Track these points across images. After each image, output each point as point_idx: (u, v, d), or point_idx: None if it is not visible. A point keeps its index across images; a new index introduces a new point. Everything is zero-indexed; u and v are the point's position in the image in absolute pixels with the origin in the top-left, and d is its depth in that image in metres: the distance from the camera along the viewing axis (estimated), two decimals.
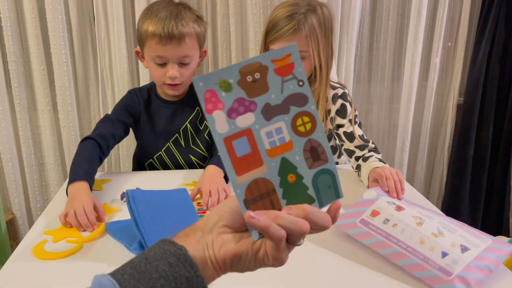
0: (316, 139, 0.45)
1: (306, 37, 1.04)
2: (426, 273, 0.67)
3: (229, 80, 0.43)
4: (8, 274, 0.72)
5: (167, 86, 1.14)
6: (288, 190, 0.45)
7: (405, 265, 0.70)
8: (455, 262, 0.67)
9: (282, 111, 0.44)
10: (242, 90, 0.43)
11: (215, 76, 0.42)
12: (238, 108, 0.43)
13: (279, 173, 0.45)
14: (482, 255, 0.69)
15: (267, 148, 0.44)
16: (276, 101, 0.44)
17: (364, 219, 0.79)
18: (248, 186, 0.44)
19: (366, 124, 1.81)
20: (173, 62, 1.10)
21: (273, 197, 0.45)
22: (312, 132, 0.45)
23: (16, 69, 1.50)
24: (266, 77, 0.44)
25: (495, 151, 1.77)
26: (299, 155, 0.45)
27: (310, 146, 0.45)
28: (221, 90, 0.43)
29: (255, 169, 0.44)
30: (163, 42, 1.06)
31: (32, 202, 1.65)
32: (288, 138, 0.45)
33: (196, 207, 0.91)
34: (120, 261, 0.76)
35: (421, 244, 0.71)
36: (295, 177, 0.45)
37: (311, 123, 0.45)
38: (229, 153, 0.43)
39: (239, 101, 0.43)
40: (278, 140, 0.45)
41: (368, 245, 0.75)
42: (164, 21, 1.06)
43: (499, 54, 1.67)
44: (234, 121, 0.43)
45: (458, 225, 0.77)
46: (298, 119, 0.45)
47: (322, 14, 1.07)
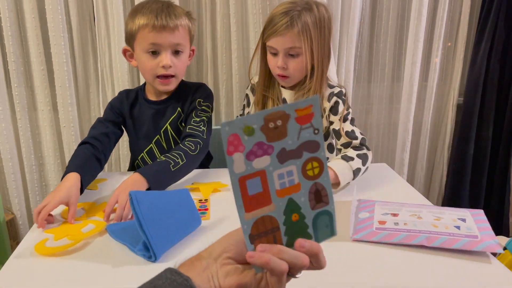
0: (321, 182, 0.49)
1: (298, 33, 1.06)
2: (461, 243, 0.75)
3: (253, 126, 0.46)
4: (8, 274, 0.72)
5: (159, 81, 1.13)
6: (291, 228, 0.49)
7: (441, 243, 0.76)
8: (470, 229, 0.79)
9: (295, 155, 0.48)
10: (263, 134, 0.46)
11: (242, 122, 0.45)
12: (257, 151, 0.46)
13: (284, 212, 0.48)
14: (476, 219, 0.83)
15: (277, 188, 0.48)
16: (292, 146, 0.48)
17: (378, 227, 0.82)
18: (255, 223, 0.47)
19: (366, 124, 1.81)
20: (166, 50, 1.10)
21: (277, 233, 0.49)
22: (319, 176, 0.49)
23: (16, 69, 1.50)
24: (286, 125, 0.47)
25: (495, 151, 1.77)
26: (304, 196, 0.49)
27: (315, 189, 0.49)
28: (244, 134, 0.45)
29: (263, 207, 0.48)
30: (157, 29, 1.07)
31: (32, 202, 1.65)
32: (297, 180, 0.48)
33: (198, 205, 0.91)
34: (121, 261, 0.76)
35: (436, 228, 0.79)
36: (299, 216, 0.49)
37: (319, 168, 0.49)
38: (242, 191, 0.46)
39: (258, 145, 0.46)
40: (288, 182, 0.48)
41: (399, 242, 0.78)
42: (156, 11, 1.08)
43: (499, 54, 1.67)
44: (251, 163, 0.46)
45: (438, 208, 0.89)
46: (309, 164, 0.49)
47: (317, 13, 1.08)
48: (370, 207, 0.90)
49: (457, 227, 0.79)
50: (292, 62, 1.11)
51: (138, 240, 0.77)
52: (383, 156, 1.84)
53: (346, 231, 0.83)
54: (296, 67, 1.11)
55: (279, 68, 1.12)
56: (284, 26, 1.06)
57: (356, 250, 0.78)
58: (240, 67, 1.56)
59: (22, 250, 0.79)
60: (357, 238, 0.80)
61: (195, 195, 1.01)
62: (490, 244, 0.74)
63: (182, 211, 0.84)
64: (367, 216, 0.87)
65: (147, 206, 0.75)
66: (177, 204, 0.84)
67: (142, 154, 1.24)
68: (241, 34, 1.54)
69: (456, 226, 0.80)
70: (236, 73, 1.56)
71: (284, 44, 1.09)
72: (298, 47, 1.08)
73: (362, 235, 0.80)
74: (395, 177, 1.17)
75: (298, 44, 1.08)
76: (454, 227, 0.79)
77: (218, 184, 1.09)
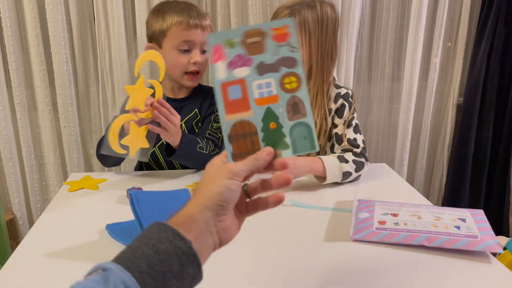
0: (299, 96, 0.53)
1: (296, 26, 1.06)
2: (461, 243, 0.75)
3: (234, 39, 0.53)
4: (8, 274, 0.72)
5: (187, 76, 1.20)
6: (268, 135, 0.53)
7: (441, 243, 0.76)
8: (470, 229, 0.78)
9: (273, 69, 0.53)
10: (243, 48, 0.53)
11: (224, 35, 0.53)
12: (237, 62, 0.53)
13: (262, 119, 0.53)
14: (476, 219, 0.82)
15: (255, 97, 0.53)
16: (270, 60, 0.53)
17: (378, 227, 0.82)
18: (234, 125, 0.53)
19: (366, 124, 1.81)
20: (197, 47, 1.18)
21: (254, 138, 0.53)
22: (296, 90, 0.53)
23: (16, 69, 1.50)
24: (264, 41, 0.53)
25: (495, 151, 1.77)
26: (282, 107, 0.53)
27: (293, 101, 0.53)
28: (226, 46, 0.53)
29: (242, 112, 0.53)
30: (191, 27, 1.15)
31: (32, 202, 1.65)
32: (275, 92, 0.53)
33: None
34: None
35: (436, 228, 0.79)
36: (276, 125, 0.53)
37: (297, 82, 0.53)
38: (223, 96, 0.53)
39: (239, 57, 0.53)
40: (266, 93, 0.53)
41: (399, 242, 0.78)
42: (188, 11, 1.16)
43: (499, 54, 1.67)
44: (232, 72, 0.53)
45: (438, 208, 0.89)
46: (286, 78, 0.53)
47: (320, 11, 1.09)
48: (370, 207, 0.90)
49: (457, 227, 0.79)
50: None
51: None
52: (383, 156, 1.84)
53: (346, 231, 0.83)
54: None
55: None
56: (283, 18, 1.07)
57: (356, 250, 0.78)
58: None
59: (22, 250, 0.79)
60: (357, 238, 0.80)
61: None
62: (490, 244, 0.74)
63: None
64: (367, 216, 0.87)
65: (148, 205, 0.75)
66: (177, 204, 0.83)
67: (154, 149, 1.24)
68: None
69: (456, 226, 0.80)
70: None
71: None
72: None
73: (362, 235, 0.80)
74: (395, 177, 1.17)
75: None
76: (454, 227, 0.79)
77: None
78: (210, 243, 0.47)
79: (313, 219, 0.89)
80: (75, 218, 0.92)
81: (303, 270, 0.71)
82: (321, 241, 0.80)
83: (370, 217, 0.86)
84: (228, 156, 0.53)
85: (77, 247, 0.80)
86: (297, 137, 0.53)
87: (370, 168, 1.11)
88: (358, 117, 1.79)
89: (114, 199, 1.01)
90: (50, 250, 0.78)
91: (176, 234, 0.44)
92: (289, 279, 0.69)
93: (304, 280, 0.68)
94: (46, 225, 0.89)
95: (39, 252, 0.78)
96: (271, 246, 0.79)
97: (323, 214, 0.92)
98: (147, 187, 1.07)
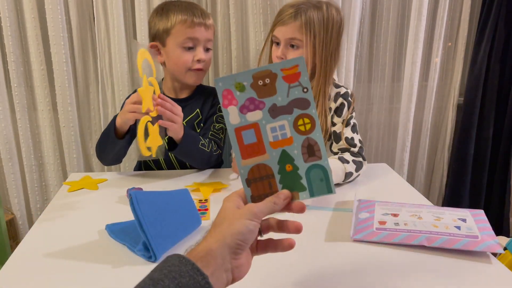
0: (313, 138, 0.53)
1: (301, 26, 1.08)
2: (461, 243, 0.75)
3: (243, 83, 0.52)
4: (8, 274, 0.72)
5: (193, 72, 1.20)
6: (285, 177, 0.54)
7: (441, 243, 0.76)
8: (470, 229, 0.79)
9: (286, 111, 0.53)
10: (254, 91, 0.53)
11: (232, 78, 0.53)
12: (249, 106, 0.53)
13: (278, 161, 0.54)
14: (476, 220, 0.83)
15: (270, 140, 0.53)
16: (282, 103, 0.53)
17: (379, 227, 0.82)
18: (251, 169, 0.53)
19: (366, 124, 1.80)
20: (200, 45, 1.19)
21: (272, 180, 0.54)
22: (310, 132, 0.53)
23: (16, 69, 1.50)
24: (275, 83, 0.52)
25: (495, 151, 1.77)
26: (297, 149, 0.53)
27: (307, 143, 0.53)
28: (236, 90, 0.53)
29: (258, 156, 0.53)
30: (196, 25, 1.16)
31: (32, 202, 1.65)
32: (290, 134, 0.53)
33: (198, 205, 0.91)
34: (122, 261, 0.76)
35: (436, 228, 0.79)
36: (292, 167, 0.54)
37: (311, 124, 0.53)
38: (238, 141, 0.53)
39: (250, 100, 0.53)
40: (281, 135, 0.53)
41: (399, 242, 0.78)
42: (192, 9, 1.17)
43: (499, 54, 1.67)
44: (245, 116, 0.53)
45: (438, 208, 0.89)
46: (300, 120, 0.53)
47: (326, 12, 1.09)
48: (370, 207, 0.90)
49: (457, 227, 0.79)
50: (291, 53, 1.12)
51: (137, 240, 0.76)
52: (383, 156, 1.84)
53: (346, 231, 0.83)
54: None
55: (278, 58, 1.13)
56: (288, 16, 1.09)
57: (357, 250, 0.78)
58: (240, 67, 1.56)
59: (22, 250, 0.79)
60: (357, 239, 0.80)
61: (195, 195, 1.01)
62: (491, 244, 0.74)
63: (182, 211, 0.84)
64: (367, 216, 0.86)
65: (147, 206, 0.75)
66: (177, 204, 0.84)
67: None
68: (241, 34, 1.54)
69: (457, 226, 0.79)
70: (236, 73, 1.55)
71: (286, 33, 1.10)
72: (299, 39, 1.09)
73: (362, 235, 0.80)
74: (395, 177, 1.17)
75: (299, 36, 1.09)
76: (454, 227, 0.79)
77: (218, 184, 1.09)
78: (224, 279, 0.49)
79: (313, 219, 0.89)
80: (75, 218, 0.92)
81: (303, 270, 0.71)
82: (321, 241, 0.80)
83: (370, 217, 0.86)
84: (248, 198, 0.54)
85: (77, 247, 0.80)
86: (313, 179, 0.54)
87: (370, 168, 1.11)
88: (358, 117, 1.79)
89: (114, 199, 1.01)
90: (49, 250, 0.78)
91: (196, 269, 0.45)
92: (289, 279, 0.68)
93: (304, 280, 0.68)
94: (46, 225, 0.89)
95: (39, 252, 0.78)
96: None
97: (323, 214, 0.92)
98: (147, 187, 1.07)
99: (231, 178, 1.13)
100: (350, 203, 0.95)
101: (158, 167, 1.28)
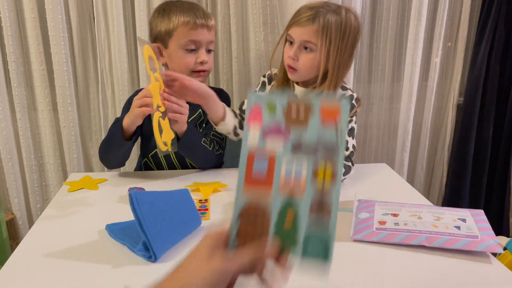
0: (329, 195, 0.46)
1: (318, 30, 1.06)
2: (461, 243, 0.75)
3: (276, 104, 0.47)
4: (8, 274, 0.72)
5: (195, 74, 1.20)
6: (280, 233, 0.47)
7: (441, 243, 0.76)
8: (470, 229, 0.79)
9: (310, 151, 0.46)
10: (283, 117, 0.47)
11: (267, 97, 0.48)
12: (273, 131, 0.47)
13: (279, 212, 0.47)
14: (476, 220, 0.83)
15: (281, 179, 0.47)
16: (309, 141, 0.46)
17: (378, 227, 0.82)
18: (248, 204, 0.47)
19: (366, 124, 1.80)
20: (203, 47, 1.18)
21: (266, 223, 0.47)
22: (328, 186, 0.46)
23: (16, 69, 1.50)
24: (309, 116, 0.46)
25: (495, 151, 1.77)
26: (306, 204, 0.46)
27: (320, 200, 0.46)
28: (266, 109, 0.47)
29: (261, 191, 0.47)
30: (198, 27, 1.15)
31: (32, 202, 1.65)
32: (304, 178, 0.46)
33: (198, 205, 0.91)
34: (121, 261, 0.76)
35: (436, 228, 0.80)
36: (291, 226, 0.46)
37: (331, 176, 0.46)
38: (247, 166, 0.47)
39: (276, 124, 0.47)
40: (295, 175, 0.46)
41: (399, 242, 0.78)
42: (193, 10, 1.16)
43: (499, 54, 1.67)
44: (265, 142, 0.47)
45: (438, 208, 0.89)
46: (321, 166, 0.46)
47: (345, 18, 1.07)
48: (370, 207, 0.90)
49: (457, 227, 0.79)
50: (303, 56, 1.10)
51: (138, 240, 0.76)
52: (383, 156, 1.84)
53: (346, 231, 0.83)
54: (306, 63, 1.10)
55: (289, 58, 1.11)
56: (306, 18, 1.06)
57: (357, 250, 0.78)
58: (240, 67, 1.56)
59: (22, 250, 0.79)
60: (357, 238, 0.80)
61: (195, 195, 1.01)
62: (490, 244, 0.74)
63: (182, 211, 0.84)
64: (367, 216, 0.87)
65: (148, 206, 0.75)
66: (177, 204, 0.84)
67: (156, 150, 1.23)
68: (241, 34, 1.54)
69: (456, 226, 0.80)
70: (236, 73, 1.56)
71: (302, 35, 1.08)
72: (314, 43, 1.07)
73: (362, 235, 0.80)
74: (395, 177, 1.17)
75: (314, 40, 1.07)
76: (454, 227, 0.79)
77: (218, 184, 1.09)
78: None
79: None
80: (74, 218, 0.92)
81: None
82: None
83: (370, 217, 0.86)
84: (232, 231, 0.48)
85: (77, 247, 0.80)
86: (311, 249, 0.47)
87: (370, 168, 1.11)
88: (358, 117, 1.79)
89: (114, 199, 1.01)
90: (49, 250, 0.78)
91: None
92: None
93: (304, 280, 0.68)
94: (46, 225, 0.89)
95: (39, 252, 0.78)
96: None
97: None
98: (147, 187, 1.07)
99: None
100: (350, 203, 0.95)
101: (159, 167, 1.28)
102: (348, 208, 0.93)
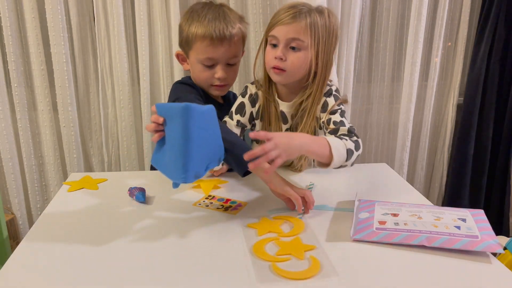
0: None
1: (306, 27, 0.99)
2: (461, 243, 0.75)
3: None
4: (8, 274, 0.72)
5: (214, 87, 1.17)
6: None
7: (441, 243, 0.76)
8: (470, 229, 0.79)
9: None
10: None
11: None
12: None
13: None
14: (476, 219, 0.83)
15: None
16: None
17: (378, 227, 0.82)
18: None
19: (366, 124, 1.81)
20: (221, 63, 1.13)
21: None
22: None
23: (16, 69, 1.50)
24: None
25: (495, 151, 1.77)
26: None
27: None
28: None
29: None
30: (215, 44, 1.08)
31: (32, 202, 1.65)
32: None
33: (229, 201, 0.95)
34: (121, 262, 0.76)
35: (436, 228, 0.79)
36: None
37: None
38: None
39: None
40: None
41: (399, 242, 0.78)
42: (214, 23, 1.08)
43: (499, 54, 1.67)
44: None
45: (438, 208, 0.89)
46: None
47: (328, 18, 1.03)
48: (370, 207, 0.90)
49: (457, 227, 0.79)
50: (291, 55, 1.02)
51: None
52: (383, 156, 1.84)
53: (346, 231, 0.83)
54: (295, 62, 1.02)
55: (276, 59, 1.02)
56: (290, 16, 1.00)
57: (356, 250, 0.78)
58: (240, 67, 1.55)
59: (22, 250, 0.79)
60: (357, 238, 0.80)
61: (197, 193, 1.01)
62: (490, 244, 0.74)
63: (213, 136, 0.84)
64: (367, 216, 0.87)
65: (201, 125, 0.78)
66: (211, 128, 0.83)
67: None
68: None
69: (456, 226, 0.80)
70: None
71: (288, 33, 1.00)
72: (302, 41, 1.00)
73: (362, 235, 0.80)
74: (395, 177, 1.17)
75: (303, 38, 0.99)
76: (454, 227, 0.79)
77: (218, 180, 1.09)
78: None
79: (314, 219, 0.89)
80: (75, 218, 0.92)
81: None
82: (321, 241, 0.80)
83: (370, 217, 0.86)
84: None
85: (77, 247, 0.80)
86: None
87: (370, 168, 1.11)
88: (358, 116, 1.79)
89: (114, 199, 1.01)
90: (49, 250, 0.78)
91: None
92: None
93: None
94: (45, 225, 0.89)
95: (38, 252, 0.78)
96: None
97: (323, 214, 0.92)
98: (147, 187, 1.07)
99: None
100: (351, 203, 0.95)
101: None
102: (348, 208, 0.93)
